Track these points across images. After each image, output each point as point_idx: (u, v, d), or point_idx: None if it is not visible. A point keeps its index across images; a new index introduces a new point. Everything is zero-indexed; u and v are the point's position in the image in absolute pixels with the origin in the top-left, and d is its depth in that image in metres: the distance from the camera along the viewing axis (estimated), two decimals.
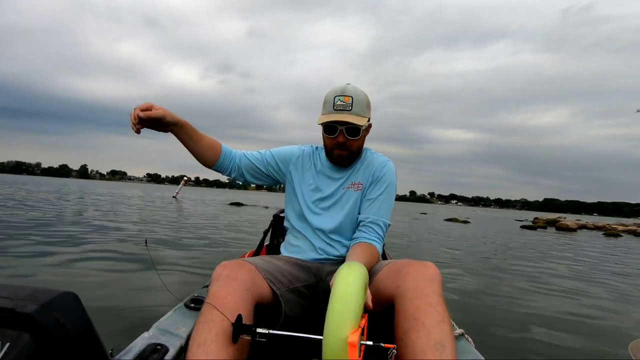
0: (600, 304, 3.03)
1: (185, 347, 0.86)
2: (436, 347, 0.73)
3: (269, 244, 1.62)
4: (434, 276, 0.87)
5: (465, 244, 7.09)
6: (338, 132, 1.14)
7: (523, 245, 7.71)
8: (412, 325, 0.78)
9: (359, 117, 1.13)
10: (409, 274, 0.88)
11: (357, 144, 1.18)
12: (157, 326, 0.92)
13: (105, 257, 3.44)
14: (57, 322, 0.51)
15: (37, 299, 0.50)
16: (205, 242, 4.80)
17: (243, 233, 6.14)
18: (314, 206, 1.23)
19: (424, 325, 0.77)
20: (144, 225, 6.10)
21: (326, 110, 1.15)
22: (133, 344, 0.81)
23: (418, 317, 0.79)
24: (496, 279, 3.76)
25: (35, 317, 0.49)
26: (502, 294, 3.12)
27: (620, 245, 9.81)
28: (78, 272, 2.85)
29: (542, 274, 4.24)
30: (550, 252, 6.88)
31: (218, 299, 0.80)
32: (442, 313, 0.80)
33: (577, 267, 5.10)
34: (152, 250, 3.90)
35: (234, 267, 0.91)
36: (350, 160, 1.22)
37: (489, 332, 2.14)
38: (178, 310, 1.05)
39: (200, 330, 0.76)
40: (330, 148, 1.19)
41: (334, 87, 1.17)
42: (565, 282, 3.85)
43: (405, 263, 0.95)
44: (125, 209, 9.50)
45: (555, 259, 5.76)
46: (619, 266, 5.57)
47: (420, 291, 0.83)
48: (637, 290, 3.77)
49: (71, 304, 0.54)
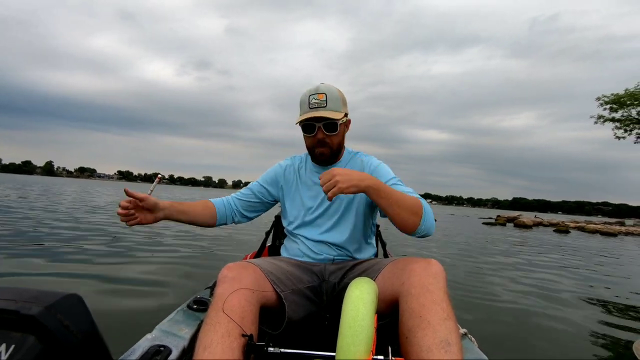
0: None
1: (188, 348, 0.86)
2: (442, 345, 0.73)
3: (270, 244, 1.61)
4: (438, 273, 0.86)
5: (424, 241, 7.26)
6: (316, 129, 1.15)
7: (474, 240, 8.30)
8: (418, 323, 0.77)
9: (335, 112, 1.15)
10: (414, 271, 0.87)
11: (337, 140, 1.20)
12: (160, 327, 0.92)
13: (102, 258, 3.36)
14: (62, 324, 0.51)
15: (41, 301, 0.49)
16: (188, 243, 4.70)
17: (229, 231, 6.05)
18: (308, 216, 1.23)
19: (429, 323, 0.76)
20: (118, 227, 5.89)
21: (302, 111, 1.17)
22: (136, 346, 0.81)
23: (423, 315, 0.78)
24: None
25: (39, 319, 0.48)
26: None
27: (557, 240, 10.67)
28: (77, 274, 2.78)
29: (479, 264, 4.60)
30: (493, 244, 7.57)
31: (223, 301, 0.80)
32: (447, 310, 0.79)
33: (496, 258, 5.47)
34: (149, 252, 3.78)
35: (239, 269, 0.91)
36: (333, 157, 1.23)
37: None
38: (181, 311, 1.04)
39: (207, 332, 0.76)
40: (311, 147, 1.20)
41: (308, 88, 1.20)
42: (492, 271, 4.15)
43: (408, 260, 0.95)
44: (96, 207, 9.13)
45: (492, 252, 6.22)
46: (527, 257, 6.04)
47: (425, 288, 0.82)
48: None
49: (75, 306, 0.53)
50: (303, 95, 1.18)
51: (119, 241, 4.35)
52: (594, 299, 3.23)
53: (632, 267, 5.81)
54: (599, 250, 8.29)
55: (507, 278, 3.88)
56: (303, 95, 1.18)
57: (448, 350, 0.72)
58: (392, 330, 0.88)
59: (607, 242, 11.23)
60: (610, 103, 23.96)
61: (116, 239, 4.50)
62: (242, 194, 1.31)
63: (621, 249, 9.33)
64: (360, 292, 0.78)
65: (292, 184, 1.30)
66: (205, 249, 4.41)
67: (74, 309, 0.53)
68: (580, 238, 12.14)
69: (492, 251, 6.27)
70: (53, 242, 3.90)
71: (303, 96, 1.18)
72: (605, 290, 3.71)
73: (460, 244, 7.06)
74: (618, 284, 4.16)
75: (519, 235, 10.93)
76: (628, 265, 5.92)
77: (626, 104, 23.42)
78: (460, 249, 6.22)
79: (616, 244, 10.64)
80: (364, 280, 0.85)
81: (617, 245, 10.50)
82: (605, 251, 8.32)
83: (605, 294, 3.51)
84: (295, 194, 1.28)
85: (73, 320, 0.52)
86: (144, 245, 4.30)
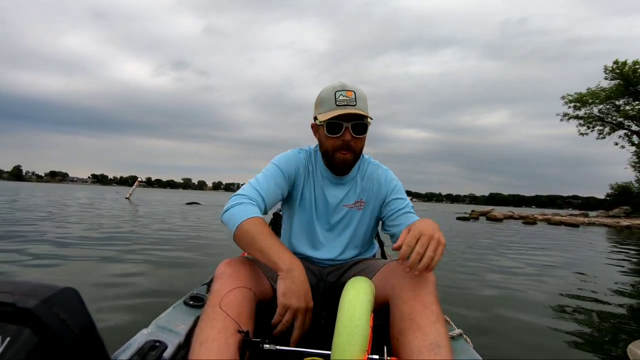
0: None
1: (184, 344, 0.86)
2: (432, 347, 0.74)
3: None
4: (428, 277, 0.87)
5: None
6: (343, 129, 1.03)
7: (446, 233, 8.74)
8: (408, 326, 0.79)
9: (365, 113, 1.04)
10: (404, 275, 0.88)
11: (362, 144, 1.09)
12: (156, 323, 0.91)
13: (99, 255, 3.38)
14: (58, 318, 0.50)
15: (37, 294, 0.49)
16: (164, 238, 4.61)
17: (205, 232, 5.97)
18: (317, 226, 1.16)
19: (419, 326, 0.78)
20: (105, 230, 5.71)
21: (327, 108, 1.04)
22: (132, 341, 0.80)
23: (413, 318, 0.79)
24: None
25: (35, 312, 0.48)
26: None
27: (524, 230, 11.68)
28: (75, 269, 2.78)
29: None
30: (459, 236, 8.12)
31: (220, 297, 0.80)
32: (437, 313, 0.80)
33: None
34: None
35: (237, 265, 0.90)
36: (353, 164, 1.12)
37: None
38: (177, 307, 1.03)
39: (203, 328, 0.76)
40: (333, 150, 1.06)
41: (330, 85, 1.08)
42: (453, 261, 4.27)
43: (400, 264, 0.92)
44: (78, 212, 8.80)
45: (455, 242, 6.69)
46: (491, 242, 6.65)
47: (415, 292, 0.84)
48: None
49: (71, 300, 0.53)
50: (326, 92, 1.06)
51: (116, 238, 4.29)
52: (548, 281, 3.41)
53: (571, 253, 6.23)
54: (556, 239, 9.19)
55: (469, 267, 4.11)
56: (326, 92, 1.06)
57: (438, 352, 0.74)
58: (388, 329, 0.89)
59: (569, 232, 12.18)
60: (574, 102, 25.53)
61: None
62: (266, 193, 1.06)
63: (578, 237, 10.14)
64: (357, 291, 0.79)
65: (305, 184, 1.15)
66: (203, 245, 4.37)
67: (70, 303, 0.53)
68: (547, 229, 13.08)
69: (460, 245, 6.46)
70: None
71: (326, 93, 1.06)
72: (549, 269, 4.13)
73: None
74: (560, 267, 4.52)
75: (490, 228, 11.57)
76: (573, 252, 6.36)
77: (588, 102, 24.99)
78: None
79: (575, 233, 11.52)
80: (361, 280, 0.85)
81: (576, 233, 11.41)
82: (562, 239, 9.21)
83: (551, 274, 3.86)
84: (302, 203, 1.16)
85: (69, 314, 0.52)
86: (143, 243, 4.26)
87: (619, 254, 6.27)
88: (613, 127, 25.12)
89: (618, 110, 24.15)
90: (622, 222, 18.04)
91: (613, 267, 4.83)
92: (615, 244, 8.63)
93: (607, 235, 11.61)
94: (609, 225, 17.27)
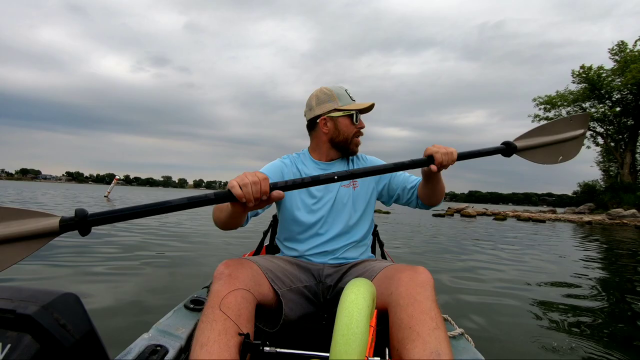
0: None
1: (185, 348, 0.85)
2: (432, 356, 0.72)
3: (268, 244, 1.59)
4: (425, 281, 0.86)
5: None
6: (359, 118, 1.24)
7: (419, 229, 9.18)
8: (407, 335, 0.77)
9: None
10: (401, 281, 0.87)
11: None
12: (157, 327, 0.90)
13: (101, 258, 3.30)
14: (58, 323, 0.49)
15: (37, 300, 0.48)
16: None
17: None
18: (309, 213, 1.19)
19: (418, 335, 0.76)
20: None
21: (345, 101, 1.23)
22: (133, 345, 0.79)
23: (412, 326, 0.77)
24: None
25: (35, 318, 0.47)
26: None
27: (493, 225, 12.38)
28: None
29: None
30: (429, 230, 8.68)
31: (220, 298, 0.79)
32: (436, 319, 0.78)
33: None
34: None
35: (236, 266, 0.89)
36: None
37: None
38: (178, 311, 1.03)
39: (203, 330, 0.75)
40: (353, 136, 1.25)
41: (333, 85, 1.26)
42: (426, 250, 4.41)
43: (396, 269, 0.94)
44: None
45: (424, 235, 7.26)
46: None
47: (413, 298, 0.82)
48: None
49: (72, 305, 0.52)
50: (336, 89, 1.24)
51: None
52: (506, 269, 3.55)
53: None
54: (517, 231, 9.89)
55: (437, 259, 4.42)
56: (336, 89, 1.24)
57: None
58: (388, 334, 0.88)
59: (533, 227, 12.77)
60: (544, 104, 26.83)
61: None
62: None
63: (538, 231, 10.72)
64: (355, 296, 0.75)
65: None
66: (203, 249, 4.31)
67: (71, 309, 0.51)
68: (516, 224, 13.87)
69: (432, 240, 6.87)
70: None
71: (337, 89, 1.24)
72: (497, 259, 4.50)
73: (406, 233, 7.79)
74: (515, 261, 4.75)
75: (462, 224, 12.06)
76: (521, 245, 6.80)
77: (557, 104, 26.29)
78: (406, 237, 6.94)
79: (538, 229, 11.93)
80: (361, 282, 0.82)
81: (539, 229, 11.87)
82: (522, 232, 9.93)
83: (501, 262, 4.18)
84: (296, 195, 1.22)
85: (69, 320, 0.51)
86: (142, 245, 4.20)
87: (574, 248, 6.81)
88: None
89: (584, 112, 25.43)
90: (584, 218, 19.18)
91: (563, 259, 5.23)
92: (569, 238, 9.18)
93: (567, 230, 12.16)
94: (572, 221, 18.26)
